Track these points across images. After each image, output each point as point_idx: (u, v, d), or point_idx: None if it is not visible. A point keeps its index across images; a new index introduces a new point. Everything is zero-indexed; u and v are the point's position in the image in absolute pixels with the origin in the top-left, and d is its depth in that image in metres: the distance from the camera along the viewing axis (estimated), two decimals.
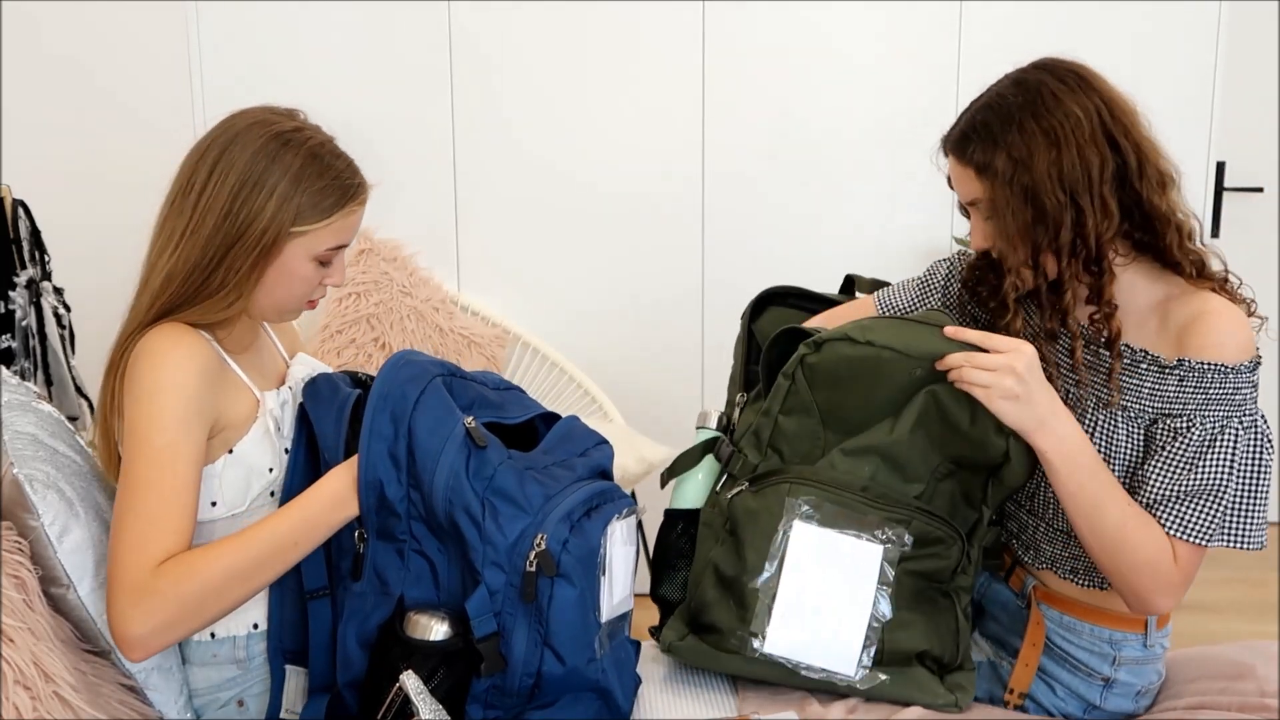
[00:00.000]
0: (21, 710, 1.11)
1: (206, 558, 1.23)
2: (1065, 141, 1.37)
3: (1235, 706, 1.44)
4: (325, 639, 1.33)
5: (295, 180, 1.32)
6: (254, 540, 1.25)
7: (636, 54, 2.84)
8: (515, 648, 1.27)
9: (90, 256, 2.78)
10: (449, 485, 1.27)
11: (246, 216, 1.30)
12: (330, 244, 1.36)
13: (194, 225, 1.31)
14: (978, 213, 1.46)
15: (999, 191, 1.40)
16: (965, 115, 1.46)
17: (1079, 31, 2.79)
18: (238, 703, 1.39)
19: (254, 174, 1.31)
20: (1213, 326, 1.36)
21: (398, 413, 1.29)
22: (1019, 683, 1.50)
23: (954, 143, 1.45)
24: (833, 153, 2.90)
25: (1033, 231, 1.39)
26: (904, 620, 1.41)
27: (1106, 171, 1.37)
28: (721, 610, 1.43)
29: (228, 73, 2.77)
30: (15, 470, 1.26)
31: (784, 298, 1.72)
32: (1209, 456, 1.36)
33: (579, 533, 1.28)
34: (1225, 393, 1.36)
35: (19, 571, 1.21)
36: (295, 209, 1.32)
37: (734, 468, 1.50)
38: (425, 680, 1.23)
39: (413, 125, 2.83)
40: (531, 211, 2.91)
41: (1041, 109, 1.38)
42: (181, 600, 1.21)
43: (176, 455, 1.25)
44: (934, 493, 1.44)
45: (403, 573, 1.31)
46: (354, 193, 1.36)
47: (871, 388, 1.42)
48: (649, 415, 2.81)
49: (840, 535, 1.41)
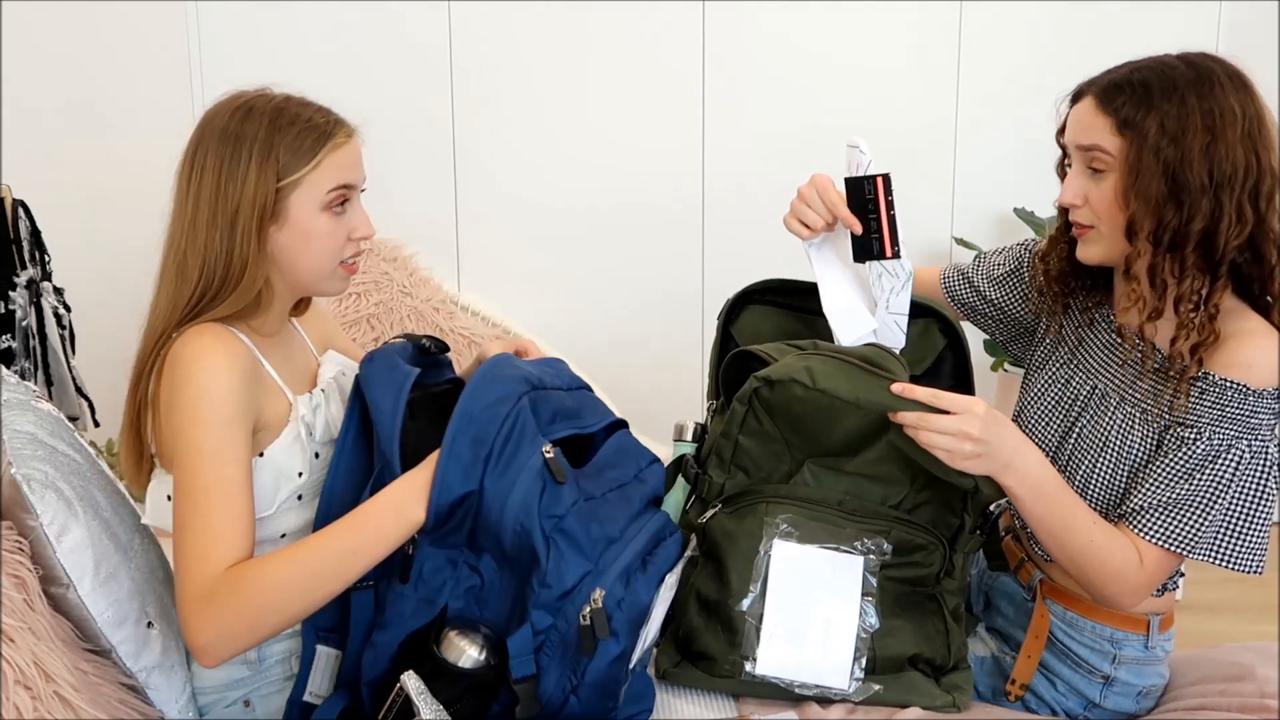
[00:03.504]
0: (22, 710, 1.11)
1: (265, 569, 1.21)
2: (1221, 133, 1.33)
3: (1235, 708, 1.44)
4: (363, 633, 1.31)
5: (268, 137, 1.32)
6: (314, 551, 1.23)
7: (637, 54, 2.84)
8: (544, 688, 1.25)
9: (90, 256, 2.78)
10: (519, 519, 1.24)
11: (235, 190, 1.31)
12: (329, 185, 1.34)
13: (193, 218, 1.32)
14: (1085, 164, 1.40)
15: (1140, 154, 1.34)
16: (1119, 69, 1.40)
17: (1079, 32, 2.79)
18: (244, 703, 1.38)
19: (228, 147, 1.31)
20: (1245, 345, 1.35)
21: (480, 438, 1.26)
22: (1020, 674, 1.51)
23: (1102, 88, 1.39)
24: (832, 152, 2.90)
25: (1162, 208, 1.34)
26: (891, 627, 1.41)
27: (1249, 180, 1.34)
28: (709, 637, 1.42)
29: (228, 73, 2.76)
30: (14, 470, 1.26)
31: (763, 294, 1.66)
32: (1206, 470, 1.36)
33: (633, 590, 1.26)
34: (1242, 414, 1.35)
35: (19, 571, 1.20)
36: (276, 163, 1.31)
37: (701, 489, 1.48)
38: (447, 704, 1.21)
39: (413, 125, 2.83)
40: (532, 211, 2.91)
41: (1206, 91, 1.34)
42: (240, 610, 1.20)
43: (225, 459, 1.24)
44: (916, 500, 1.44)
45: (451, 583, 1.29)
46: (331, 129, 1.35)
47: (832, 426, 1.40)
48: (649, 416, 2.81)
49: (820, 550, 1.40)
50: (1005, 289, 1.65)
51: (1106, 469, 1.45)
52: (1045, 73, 1.47)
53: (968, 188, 2.95)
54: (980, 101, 2.92)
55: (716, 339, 1.67)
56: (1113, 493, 1.45)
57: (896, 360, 1.42)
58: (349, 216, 1.38)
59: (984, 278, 1.67)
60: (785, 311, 1.66)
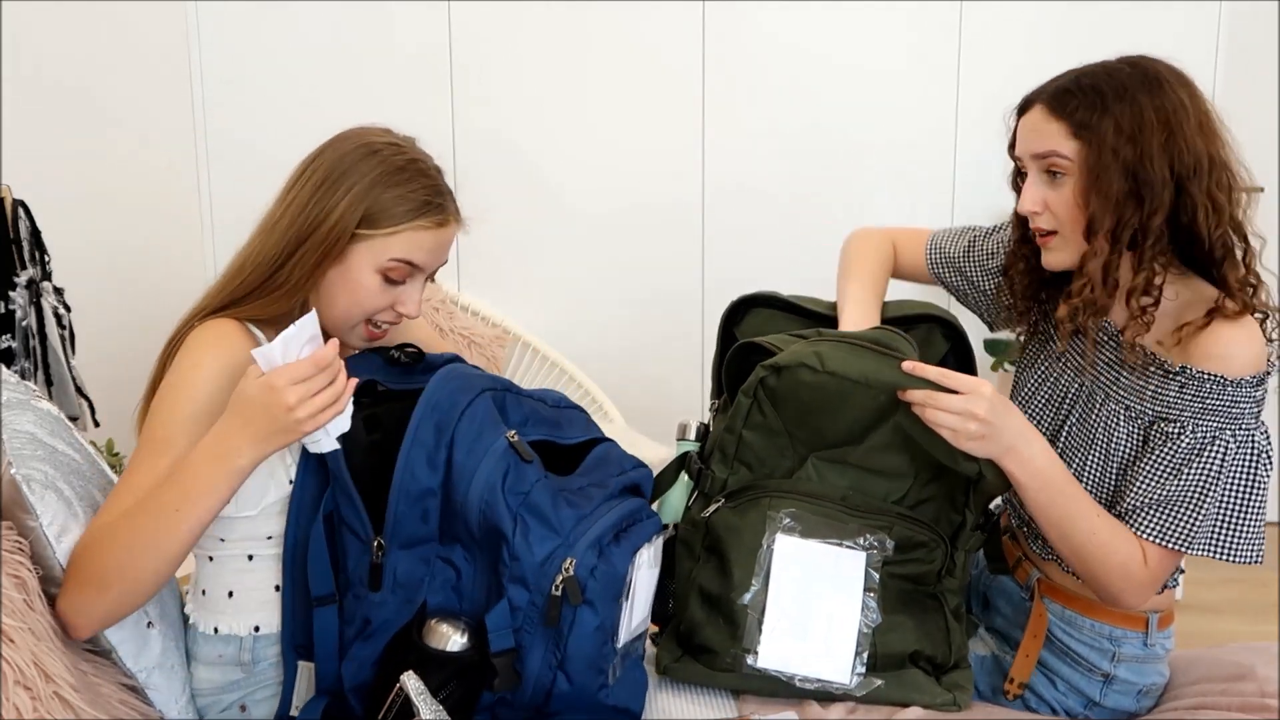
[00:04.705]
0: (22, 710, 1.10)
1: (104, 532, 1.23)
2: (1178, 127, 1.35)
3: (1236, 707, 1.45)
4: (330, 647, 1.32)
5: (373, 183, 1.33)
6: (143, 509, 1.22)
7: (637, 54, 2.84)
8: (530, 666, 1.27)
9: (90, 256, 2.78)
10: (483, 497, 1.26)
11: (320, 213, 1.32)
12: (396, 255, 1.34)
13: (276, 219, 1.35)
14: (1041, 171, 1.42)
15: (1100, 156, 1.36)
16: (1063, 77, 1.42)
17: (1079, 32, 2.79)
18: (240, 707, 1.38)
19: (336, 173, 1.33)
20: (1220, 337, 1.35)
21: (442, 422, 1.28)
22: (1019, 673, 1.51)
23: (1051, 95, 1.41)
24: (832, 152, 2.90)
25: (1123, 206, 1.36)
26: (893, 623, 1.42)
27: (1215, 169, 1.36)
28: (711, 630, 1.42)
29: (228, 73, 2.76)
30: (13, 470, 1.26)
31: (768, 300, 1.66)
32: (1194, 465, 1.37)
33: (606, 559, 1.27)
34: (1223, 404, 1.36)
35: (19, 571, 1.20)
36: (365, 210, 1.32)
37: (705, 485, 1.48)
38: (436, 690, 1.22)
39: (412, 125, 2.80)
40: (531, 211, 2.91)
41: (1156, 90, 1.36)
42: (84, 576, 1.21)
43: (166, 450, 1.26)
44: (919, 496, 1.44)
45: (428, 579, 1.30)
46: (431, 208, 1.36)
47: (838, 412, 1.40)
48: (649, 415, 2.81)
49: (823, 545, 1.41)
50: (999, 279, 1.64)
51: (1096, 466, 1.46)
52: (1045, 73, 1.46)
53: (968, 188, 2.95)
54: (980, 101, 2.91)
55: (719, 340, 1.67)
56: (1103, 490, 1.46)
57: (905, 340, 1.44)
58: (404, 291, 1.38)
59: (976, 267, 1.67)
60: (789, 315, 1.66)
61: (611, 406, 2.75)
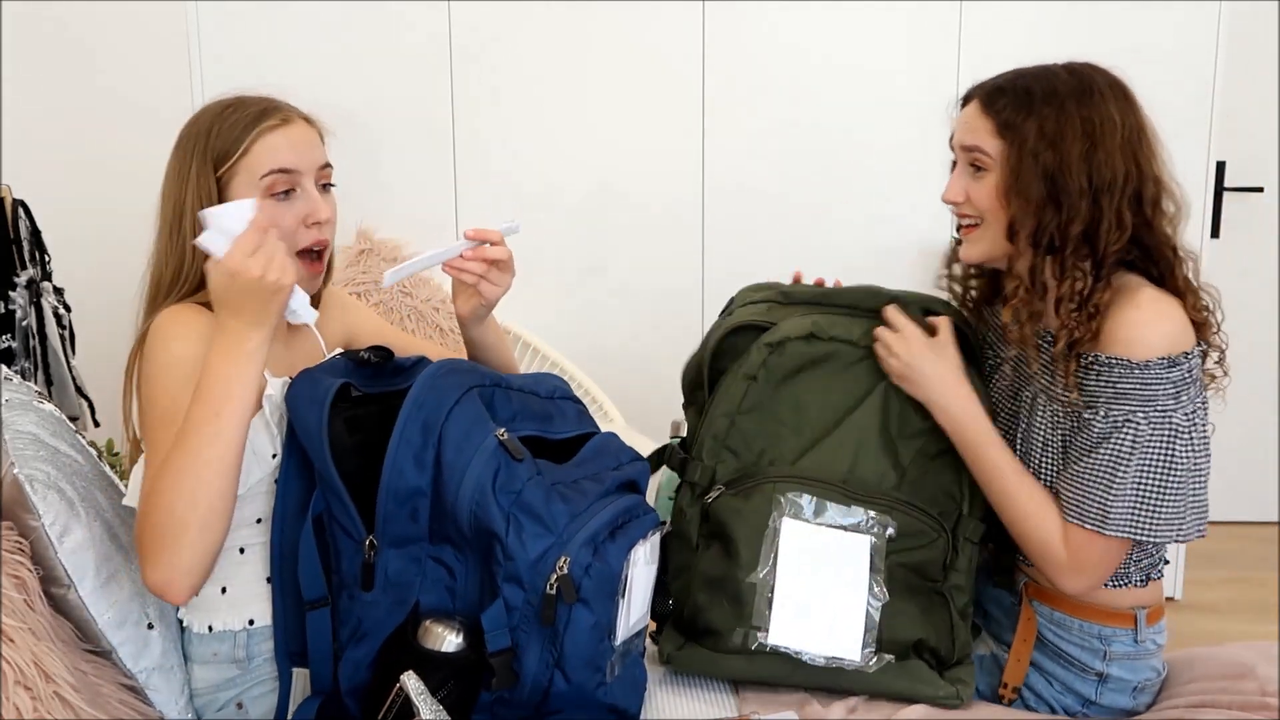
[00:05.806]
0: (22, 710, 1.11)
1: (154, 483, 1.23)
2: (1101, 140, 1.38)
3: (1236, 706, 1.45)
4: (325, 650, 1.32)
5: (206, 131, 1.35)
6: (183, 437, 1.22)
7: (637, 54, 2.84)
8: (527, 665, 1.26)
9: (90, 257, 2.78)
10: (474, 498, 1.25)
11: (181, 190, 1.35)
12: (263, 169, 1.34)
13: (159, 224, 1.38)
14: (967, 163, 1.48)
15: (1020, 157, 1.40)
16: (1005, 74, 1.46)
17: (1079, 32, 2.79)
18: (236, 705, 1.38)
19: (180, 149, 1.37)
20: (1122, 323, 1.37)
21: (430, 421, 1.27)
22: (1012, 676, 1.52)
23: (986, 92, 1.45)
24: (832, 152, 2.90)
25: (1042, 210, 1.39)
26: (898, 608, 1.43)
27: (1129, 186, 1.39)
28: (716, 612, 1.43)
29: (228, 70, 2.76)
30: (16, 470, 1.26)
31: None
32: (1105, 446, 1.38)
33: (601, 557, 1.27)
34: (1133, 386, 1.37)
35: (19, 571, 1.21)
36: (214, 154, 1.34)
37: (692, 474, 1.49)
38: (434, 690, 1.22)
39: (413, 124, 2.82)
40: (531, 211, 2.90)
41: (1087, 99, 1.39)
42: (156, 529, 1.21)
43: (175, 418, 1.25)
44: (916, 480, 1.47)
45: (420, 579, 1.29)
46: (266, 114, 1.37)
47: (830, 381, 1.47)
48: (648, 415, 2.81)
49: (828, 529, 1.43)
50: None
51: (1049, 465, 1.47)
52: None
53: None
54: None
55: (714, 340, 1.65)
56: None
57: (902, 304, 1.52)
58: (301, 202, 1.37)
59: None
60: None
61: (611, 406, 2.75)
